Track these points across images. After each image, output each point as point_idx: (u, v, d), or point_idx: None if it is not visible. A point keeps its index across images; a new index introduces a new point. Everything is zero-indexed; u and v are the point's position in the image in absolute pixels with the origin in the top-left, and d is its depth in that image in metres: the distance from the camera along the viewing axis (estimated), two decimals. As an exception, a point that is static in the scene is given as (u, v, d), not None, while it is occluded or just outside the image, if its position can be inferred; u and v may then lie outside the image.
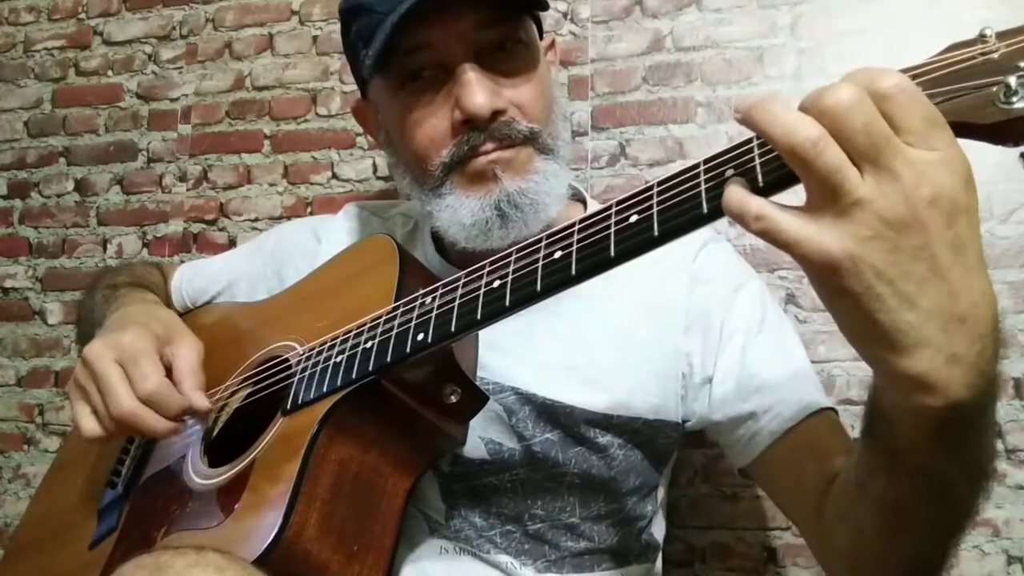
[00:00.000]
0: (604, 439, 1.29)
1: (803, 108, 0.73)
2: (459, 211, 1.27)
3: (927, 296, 0.72)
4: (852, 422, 1.71)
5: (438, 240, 1.45)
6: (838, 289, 0.73)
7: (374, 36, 1.23)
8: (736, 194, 0.77)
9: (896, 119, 0.71)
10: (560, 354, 1.32)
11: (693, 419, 1.34)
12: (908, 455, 0.86)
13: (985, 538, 1.65)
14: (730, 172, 0.81)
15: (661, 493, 1.44)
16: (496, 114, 1.24)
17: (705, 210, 0.82)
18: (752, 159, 0.80)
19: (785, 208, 0.74)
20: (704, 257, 1.38)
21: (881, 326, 0.73)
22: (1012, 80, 0.72)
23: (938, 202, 0.70)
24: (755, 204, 0.75)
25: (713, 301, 1.33)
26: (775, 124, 0.72)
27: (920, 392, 0.75)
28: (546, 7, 1.33)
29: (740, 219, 0.76)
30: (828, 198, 0.72)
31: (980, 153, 1.72)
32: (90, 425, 1.24)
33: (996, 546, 1.64)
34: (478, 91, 1.21)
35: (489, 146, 1.24)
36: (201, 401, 1.25)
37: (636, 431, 1.31)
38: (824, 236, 0.72)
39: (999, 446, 1.65)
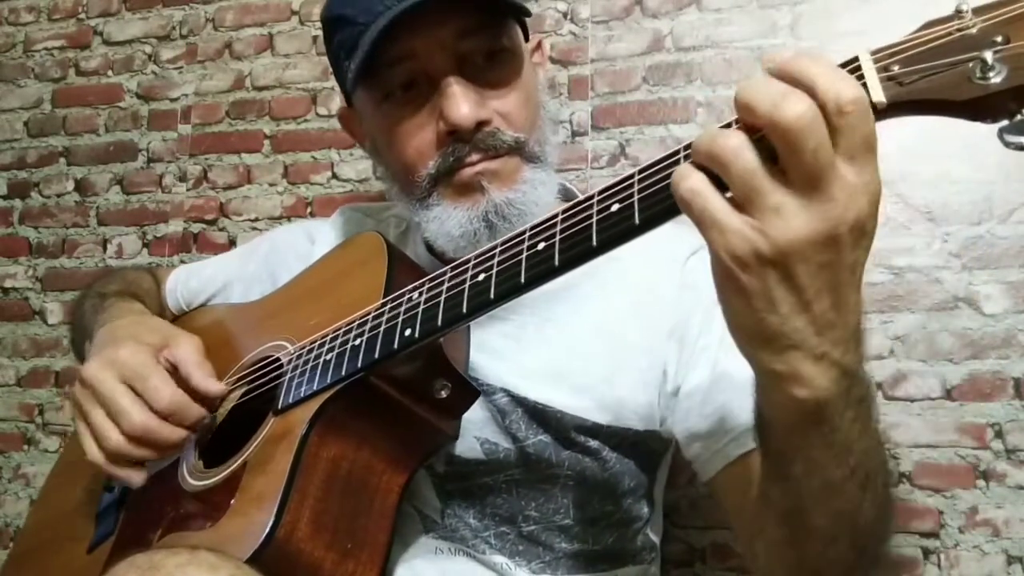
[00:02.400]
0: (595, 443, 1.28)
1: (758, 106, 0.73)
2: (447, 222, 1.27)
3: (817, 306, 0.76)
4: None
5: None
6: (737, 285, 0.77)
7: (356, 47, 1.23)
8: (686, 166, 0.78)
9: (843, 136, 0.72)
10: (550, 359, 1.31)
11: (663, 426, 1.33)
12: (789, 456, 0.90)
13: (985, 538, 1.64)
14: None
15: (658, 494, 1.44)
16: (481, 124, 1.23)
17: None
18: None
19: (721, 195, 0.76)
20: (694, 263, 1.36)
21: (766, 326, 0.77)
22: (988, 55, 0.72)
23: (856, 227, 0.73)
24: (697, 178, 0.76)
25: (695, 311, 1.31)
26: (702, 139, 0.76)
27: (787, 383, 0.80)
28: (529, 14, 1.32)
29: (676, 186, 0.78)
30: (749, 201, 0.74)
31: (980, 154, 1.72)
32: (93, 450, 1.22)
33: (996, 546, 1.64)
34: (462, 102, 1.21)
35: (475, 157, 1.24)
36: (216, 387, 1.25)
37: (626, 439, 1.31)
38: (746, 231, 0.74)
39: (999, 446, 1.65)
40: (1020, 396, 1.65)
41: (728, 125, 0.79)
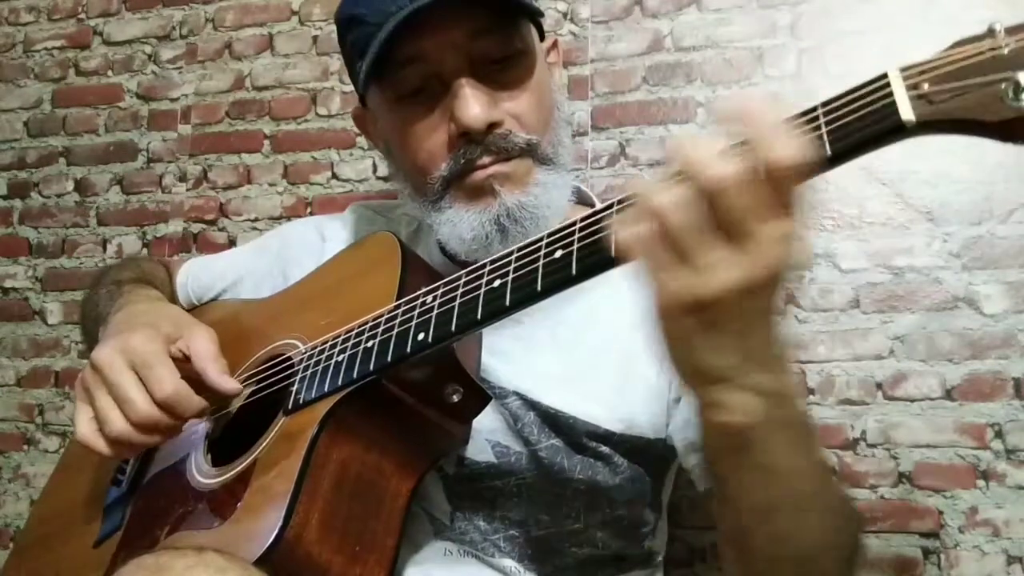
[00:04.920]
0: (606, 449, 1.28)
1: (686, 164, 0.78)
2: (459, 225, 1.26)
3: (741, 344, 0.82)
4: (851, 422, 1.72)
5: None
6: (669, 327, 0.84)
7: (368, 48, 1.22)
8: (627, 213, 0.84)
9: (777, 194, 0.76)
10: (562, 364, 1.31)
11: (665, 433, 1.33)
12: (726, 477, 0.95)
13: (985, 538, 1.65)
14: None
15: (664, 500, 1.44)
16: (492, 127, 1.23)
17: None
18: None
19: (657, 243, 0.80)
20: None
21: (696, 363, 0.84)
22: (1021, 77, 0.71)
23: (775, 275, 0.78)
24: (635, 226, 0.82)
25: None
26: (641, 192, 0.81)
27: (717, 410, 0.86)
28: (542, 15, 1.32)
29: (616, 232, 0.85)
30: (680, 254, 0.79)
31: (980, 153, 1.73)
32: (89, 431, 1.21)
33: (996, 546, 1.65)
34: (473, 104, 1.20)
35: (486, 159, 1.24)
36: (230, 384, 1.23)
37: (637, 446, 1.30)
38: (677, 280, 0.79)
39: (999, 446, 1.66)
40: (1020, 396, 1.66)
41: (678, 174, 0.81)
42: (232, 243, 2.15)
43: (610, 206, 0.92)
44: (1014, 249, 1.69)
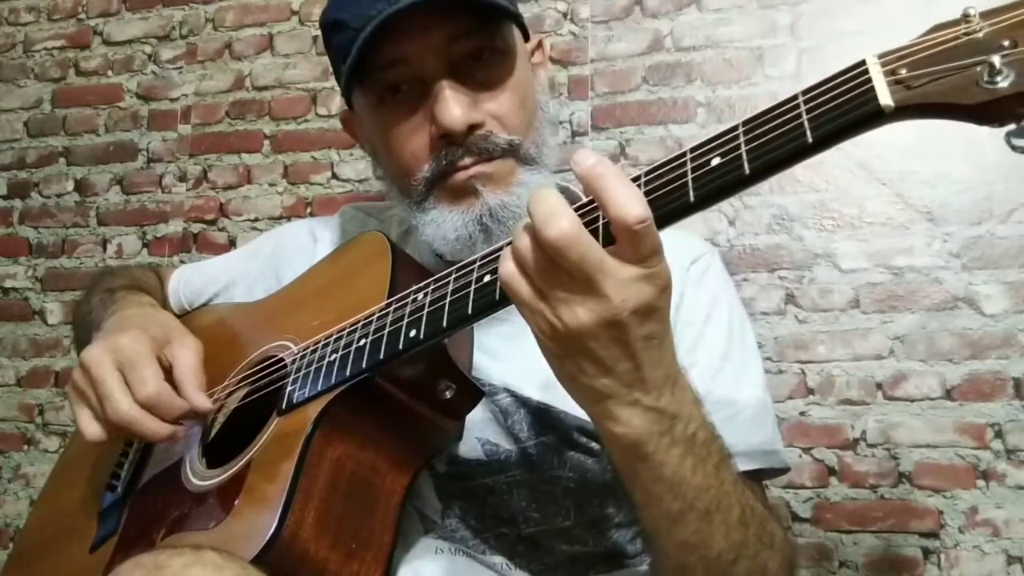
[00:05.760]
0: (597, 445, 1.27)
1: (533, 219, 0.84)
2: (443, 226, 1.26)
3: (618, 368, 0.88)
4: (851, 422, 1.72)
5: None
6: (549, 352, 0.91)
7: (350, 52, 1.22)
8: (507, 251, 0.90)
9: (630, 246, 0.82)
10: None
11: None
12: (629, 486, 1.00)
13: (985, 538, 1.65)
14: (716, 160, 0.83)
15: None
16: (473, 128, 1.22)
17: (692, 199, 0.84)
18: (738, 146, 0.83)
19: (529, 281, 0.88)
20: (695, 272, 1.37)
21: (580, 383, 0.91)
22: (996, 59, 0.71)
23: (639, 310, 0.85)
24: (511, 265, 0.89)
25: (688, 330, 1.31)
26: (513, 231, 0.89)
27: (608, 422, 0.92)
28: (521, 18, 1.31)
29: (499, 269, 0.90)
30: (542, 293, 0.87)
31: (980, 153, 1.73)
32: (93, 428, 1.21)
33: (996, 546, 1.64)
34: (453, 106, 1.20)
35: (467, 160, 1.23)
36: (202, 402, 1.23)
37: None
38: (546, 314, 0.87)
39: (999, 446, 1.66)
40: (1020, 396, 1.66)
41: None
42: (232, 243, 2.15)
43: (590, 202, 0.92)
44: (1014, 249, 1.69)
